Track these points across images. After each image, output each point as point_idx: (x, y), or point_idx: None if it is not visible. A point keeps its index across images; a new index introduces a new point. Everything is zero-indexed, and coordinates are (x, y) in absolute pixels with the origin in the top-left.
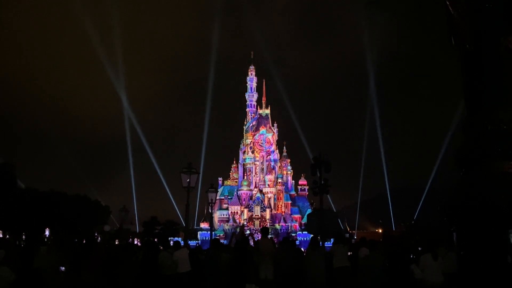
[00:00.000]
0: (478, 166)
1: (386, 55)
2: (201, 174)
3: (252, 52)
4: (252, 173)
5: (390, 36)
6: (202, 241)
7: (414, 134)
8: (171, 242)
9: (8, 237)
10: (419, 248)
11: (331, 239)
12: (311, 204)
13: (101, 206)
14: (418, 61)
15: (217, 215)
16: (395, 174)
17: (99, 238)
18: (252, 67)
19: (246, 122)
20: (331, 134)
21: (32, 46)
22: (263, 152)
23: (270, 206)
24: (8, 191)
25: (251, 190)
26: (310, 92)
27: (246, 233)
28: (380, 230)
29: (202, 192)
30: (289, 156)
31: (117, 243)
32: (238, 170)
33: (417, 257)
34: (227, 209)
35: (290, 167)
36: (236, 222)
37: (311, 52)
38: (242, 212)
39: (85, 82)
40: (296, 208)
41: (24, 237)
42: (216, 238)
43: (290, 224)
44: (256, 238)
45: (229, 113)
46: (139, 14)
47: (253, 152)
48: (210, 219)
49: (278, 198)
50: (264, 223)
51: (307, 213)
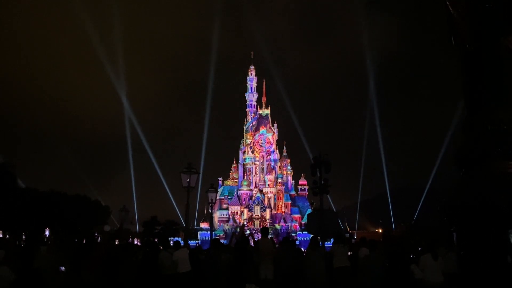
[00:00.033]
0: (478, 166)
1: (386, 55)
2: (201, 174)
3: (252, 52)
4: (252, 173)
5: (390, 36)
6: (202, 241)
7: (414, 134)
8: (171, 242)
9: (8, 237)
10: (419, 248)
11: (331, 239)
12: (311, 204)
13: (101, 206)
14: (418, 61)
15: (217, 215)
16: (395, 174)
17: (99, 238)
18: (252, 67)
19: (246, 122)
20: (331, 134)
21: (32, 46)
22: (263, 152)
23: (270, 206)
24: (8, 191)
25: (251, 190)
26: (310, 92)
27: (246, 233)
28: (380, 230)
29: (202, 192)
30: (289, 156)
31: (117, 243)
32: (238, 170)
33: (417, 257)
34: (227, 209)
35: (290, 167)
36: (236, 222)
37: (311, 52)
38: (242, 212)
39: (85, 82)
40: (296, 208)
41: (24, 237)
42: (216, 238)
43: (290, 224)
44: (256, 238)
45: (229, 113)
46: (139, 14)
47: (253, 152)
48: (210, 219)
49: (278, 198)
50: (264, 223)
51: (307, 213)
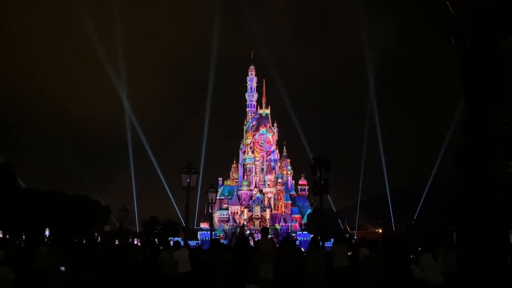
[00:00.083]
0: (478, 166)
1: (386, 55)
2: (201, 174)
3: (252, 52)
4: (252, 173)
5: (390, 36)
6: (202, 241)
7: (414, 134)
8: (171, 242)
9: (8, 237)
10: (419, 248)
11: (331, 239)
12: (311, 204)
13: (101, 206)
14: (418, 61)
15: (217, 215)
16: (395, 174)
17: (99, 238)
18: (252, 67)
19: (246, 122)
20: (331, 134)
21: (32, 46)
22: (263, 152)
23: (270, 206)
24: (8, 191)
25: (251, 190)
26: (310, 92)
27: (246, 233)
28: (380, 230)
29: (202, 192)
30: (289, 156)
31: (117, 243)
32: (238, 170)
33: (417, 257)
34: (227, 209)
35: (290, 167)
36: (236, 222)
37: (311, 52)
38: (242, 212)
39: (85, 82)
40: (296, 208)
41: (24, 237)
42: (216, 238)
43: (290, 224)
44: (256, 238)
45: (229, 113)
46: (139, 14)
47: (253, 152)
48: (210, 219)
49: (278, 198)
50: (264, 223)
51: (307, 213)
